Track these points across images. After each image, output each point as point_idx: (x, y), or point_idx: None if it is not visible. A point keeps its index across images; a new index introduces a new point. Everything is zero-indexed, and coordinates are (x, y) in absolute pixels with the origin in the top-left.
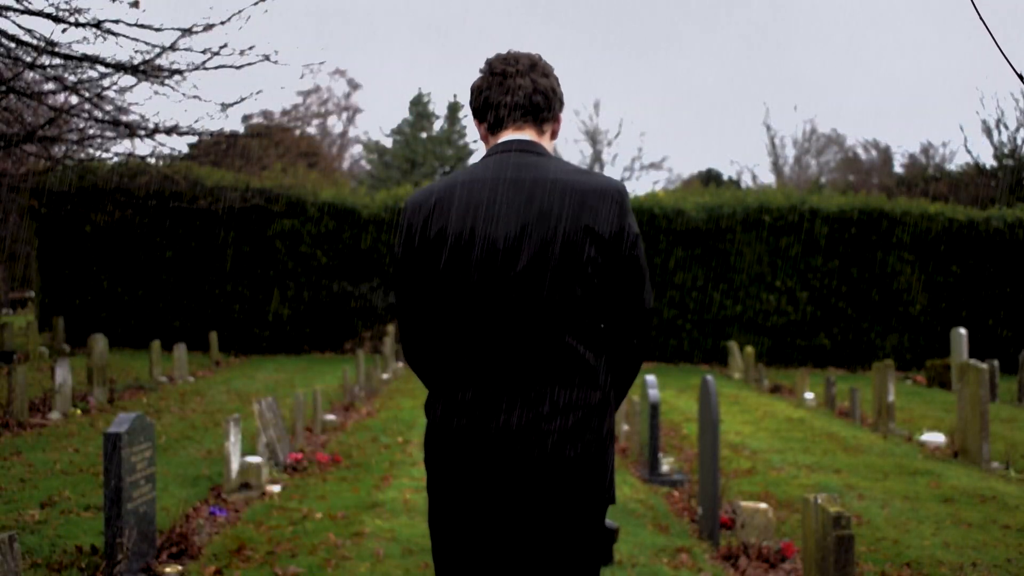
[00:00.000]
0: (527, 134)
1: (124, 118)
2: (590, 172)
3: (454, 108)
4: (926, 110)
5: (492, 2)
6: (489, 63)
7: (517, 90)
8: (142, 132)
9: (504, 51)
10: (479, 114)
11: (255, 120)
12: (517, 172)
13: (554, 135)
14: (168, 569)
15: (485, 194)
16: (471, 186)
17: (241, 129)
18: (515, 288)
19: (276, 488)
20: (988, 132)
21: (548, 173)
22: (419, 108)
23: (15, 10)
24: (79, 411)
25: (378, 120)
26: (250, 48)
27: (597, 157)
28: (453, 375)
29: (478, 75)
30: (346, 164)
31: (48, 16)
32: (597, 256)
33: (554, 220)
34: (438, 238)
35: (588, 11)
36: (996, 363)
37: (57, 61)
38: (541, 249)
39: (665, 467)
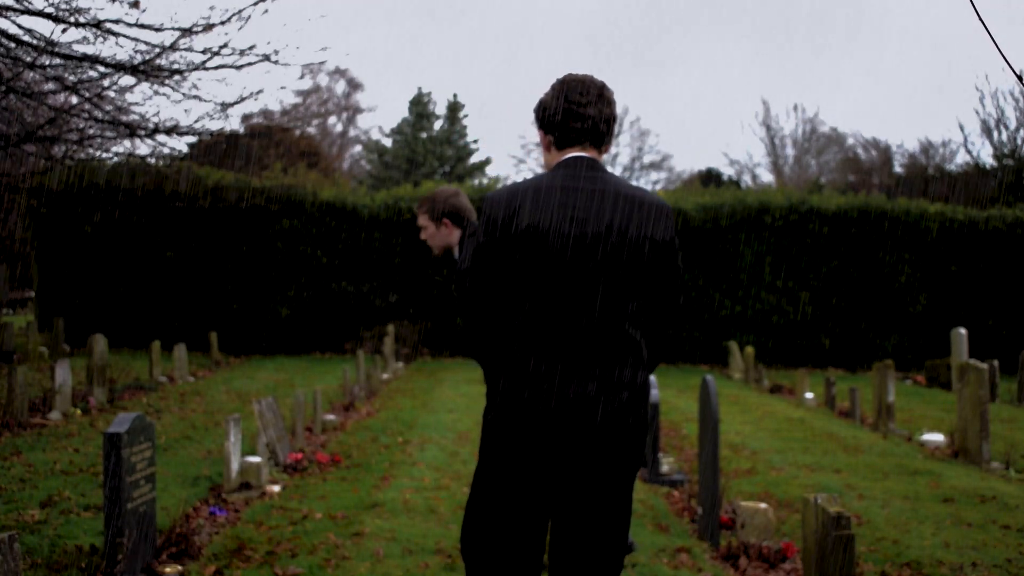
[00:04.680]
0: (590, 152)
1: (124, 118)
2: (644, 189)
3: (454, 108)
4: (926, 110)
5: (492, 1)
6: (564, 86)
7: (587, 119)
8: (142, 132)
9: (577, 74)
10: (547, 127)
11: (255, 120)
12: (591, 184)
13: (606, 149)
14: (168, 569)
15: (566, 199)
16: (552, 191)
17: (241, 129)
18: (590, 281)
19: (276, 488)
20: (988, 132)
21: (615, 187)
22: (419, 108)
23: (15, 10)
24: (79, 411)
25: (378, 120)
26: (250, 48)
27: None
28: (526, 351)
29: (549, 89)
30: (346, 164)
31: (48, 16)
32: (653, 259)
33: (623, 227)
34: (526, 233)
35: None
36: (996, 363)
37: (57, 61)
38: (613, 250)
39: (665, 467)
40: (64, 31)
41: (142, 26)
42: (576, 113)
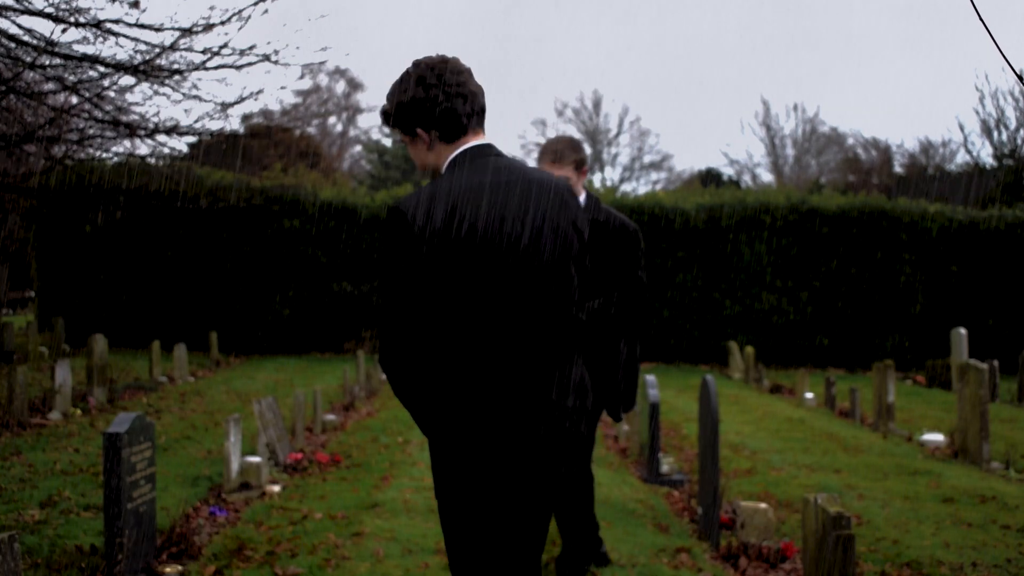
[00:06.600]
0: (483, 138)
1: (124, 118)
2: (542, 170)
3: None
4: (926, 110)
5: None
6: (432, 71)
7: (473, 97)
8: (142, 132)
9: (429, 58)
10: (428, 123)
11: (255, 120)
12: (505, 175)
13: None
14: (168, 569)
15: (486, 196)
16: (472, 190)
17: (241, 129)
18: (535, 281)
19: (276, 488)
20: (988, 132)
21: (526, 175)
22: None
23: (15, 10)
24: (79, 411)
25: (378, 120)
26: (250, 48)
27: (597, 157)
28: (470, 366)
29: (408, 86)
30: (346, 164)
31: (48, 16)
32: (579, 246)
33: (551, 216)
34: (467, 239)
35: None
36: (996, 363)
37: (57, 61)
38: (549, 242)
39: (665, 467)
40: (64, 31)
41: (142, 26)
42: (461, 95)
